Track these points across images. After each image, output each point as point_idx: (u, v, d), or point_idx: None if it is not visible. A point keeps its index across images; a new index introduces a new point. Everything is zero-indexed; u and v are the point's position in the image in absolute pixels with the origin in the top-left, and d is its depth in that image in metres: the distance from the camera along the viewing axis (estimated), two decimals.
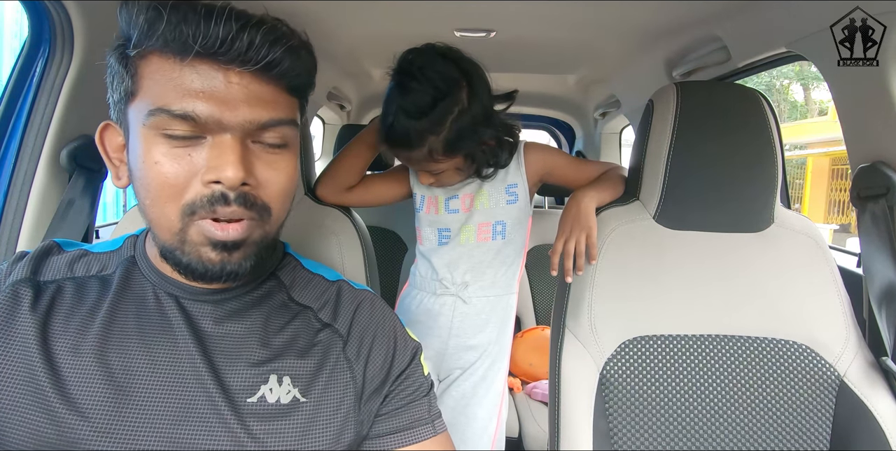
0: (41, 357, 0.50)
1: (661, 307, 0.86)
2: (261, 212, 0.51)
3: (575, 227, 0.88)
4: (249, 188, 0.50)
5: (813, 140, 9.66)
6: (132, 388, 0.51)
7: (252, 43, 0.47)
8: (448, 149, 0.89)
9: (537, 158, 1.01)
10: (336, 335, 0.59)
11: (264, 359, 0.55)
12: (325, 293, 0.63)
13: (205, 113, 0.47)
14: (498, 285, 1.04)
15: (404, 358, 0.61)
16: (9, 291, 0.53)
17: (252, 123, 0.49)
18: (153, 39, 0.47)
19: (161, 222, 0.50)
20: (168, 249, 0.51)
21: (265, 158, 0.51)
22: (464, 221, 1.01)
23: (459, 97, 0.87)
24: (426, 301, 1.06)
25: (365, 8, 1.21)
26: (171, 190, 0.48)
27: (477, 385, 1.06)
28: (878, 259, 0.86)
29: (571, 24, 1.32)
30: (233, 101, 0.48)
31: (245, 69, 0.48)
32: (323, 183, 0.98)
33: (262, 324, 0.57)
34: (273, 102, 0.50)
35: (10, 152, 0.89)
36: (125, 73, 0.50)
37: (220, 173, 0.48)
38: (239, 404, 0.52)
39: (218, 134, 0.48)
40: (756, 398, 0.84)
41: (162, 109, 0.47)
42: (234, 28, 0.46)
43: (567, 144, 2.76)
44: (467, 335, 1.04)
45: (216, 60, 0.47)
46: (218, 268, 0.51)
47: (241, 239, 0.50)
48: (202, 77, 0.47)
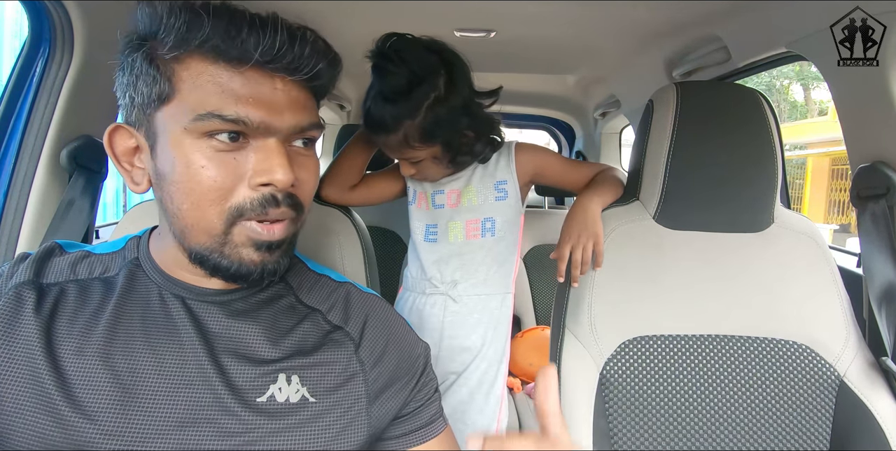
0: (45, 360, 0.50)
1: (661, 307, 0.86)
2: (298, 210, 0.53)
3: (583, 233, 0.87)
4: (294, 189, 0.52)
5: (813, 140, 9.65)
6: (138, 389, 0.51)
7: (302, 55, 0.49)
8: (424, 136, 0.88)
9: (528, 158, 1.01)
10: (348, 338, 0.59)
11: (273, 359, 0.55)
12: (333, 295, 0.63)
13: (256, 118, 0.49)
14: (490, 284, 1.02)
15: (419, 361, 0.62)
16: (12, 293, 0.53)
17: (295, 127, 0.51)
18: (194, 43, 0.48)
19: (200, 226, 0.50)
20: (203, 252, 0.51)
21: (298, 160, 0.53)
22: (450, 218, 1.00)
23: (437, 84, 0.86)
24: (417, 302, 1.05)
25: (365, 8, 1.21)
26: (216, 194, 0.49)
27: (474, 391, 1.03)
28: (878, 259, 0.86)
29: (571, 24, 1.32)
30: (278, 106, 0.50)
31: (294, 78, 0.50)
32: (326, 183, 0.98)
33: (270, 325, 0.57)
34: (310, 107, 0.54)
35: (10, 152, 0.89)
36: (158, 76, 0.49)
37: (271, 176, 0.49)
38: (249, 403, 0.52)
39: (261, 138, 0.50)
40: (756, 398, 0.84)
41: (213, 114, 0.48)
42: (287, 39, 0.48)
43: (567, 144, 2.76)
44: (459, 336, 1.02)
45: (266, 69, 0.49)
46: (259, 268, 0.52)
47: (282, 238, 0.52)
48: (252, 83, 0.49)
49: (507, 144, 1.02)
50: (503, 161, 1.01)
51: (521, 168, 1.00)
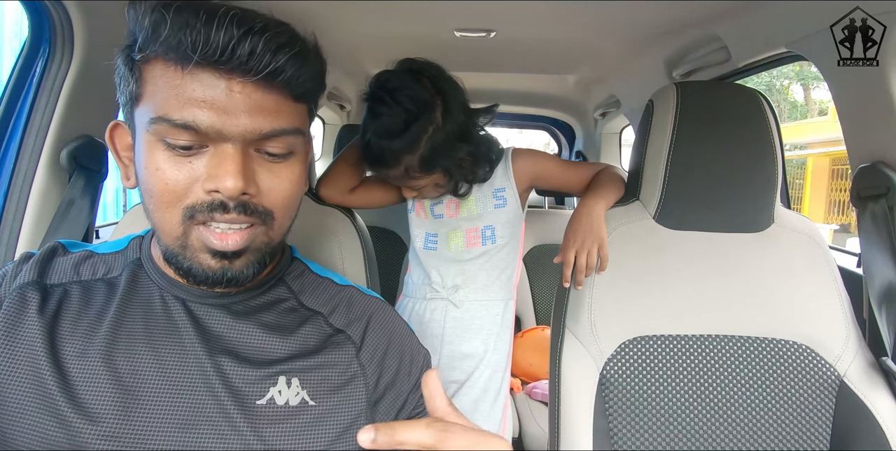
0: (48, 361, 0.50)
1: (661, 307, 0.86)
2: (263, 217, 0.51)
3: (587, 238, 0.87)
4: (249, 197, 0.49)
5: (813, 140, 9.65)
6: (140, 391, 0.51)
7: (254, 51, 0.45)
8: (424, 166, 0.89)
9: (526, 164, 1.01)
10: (349, 341, 0.59)
11: (273, 361, 0.55)
12: (335, 298, 0.62)
13: (205, 123, 0.46)
14: (492, 290, 1.02)
15: (418, 366, 0.61)
16: (16, 294, 0.53)
17: (253, 133, 0.48)
18: (156, 44, 0.46)
19: (163, 227, 0.50)
20: (171, 253, 0.51)
21: (268, 166, 0.51)
22: (452, 228, 1.01)
23: (433, 117, 0.87)
24: (417, 308, 1.04)
25: (365, 8, 1.21)
26: (171, 196, 0.49)
27: (478, 400, 1.00)
28: (878, 259, 0.86)
29: (571, 24, 1.32)
30: (234, 110, 0.47)
31: (246, 80, 0.46)
32: (325, 184, 0.98)
33: (272, 327, 0.57)
34: (276, 111, 0.49)
35: (10, 152, 0.89)
36: (130, 77, 0.49)
37: (219, 183, 0.47)
38: (248, 406, 0.52)
39: (219, 143, 0.48)
40: (756, 398, 0.84)
41: (163, 119, 0.47)
42: (235, 35, 0.44)
43: (567, 145, 2.75)
44: (460, 342, 1.01)
45: (217, 69, 0.46)
46: (219, 274, 0.51)
47: (241, 248, 0.50)
48: (203, 86, 0.46)
49: (504, 151, 1.02)
50: (500, 169, 1.00)
51: (518, 174, 1.00)
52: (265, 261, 0.54)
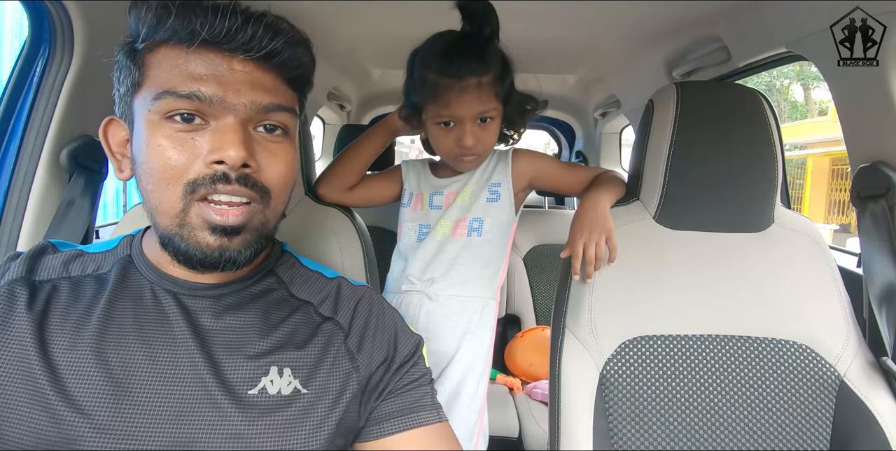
0: (38, 355, 0.50)
1: (661, 307, 0.86)
2: (261, 193, 0.53)
3: (595, 229, 0.86)
4: (250, 171, 0.51)
5: (813, 140, 9.65)
6: (131, 384, 0.51)
7: (255, 34, 0.50)
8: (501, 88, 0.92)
9: (525, 163, 1.01)
10: (338, 328, 0.60)
11: (264, 351, 0.55)
12: (325, 289, 0.63)
13: (209, 93, 0.49)
14: (471, 286, 0.99)
15: (407, 348, 0.62)
16: (4, 290, 0.54)
17: (254, 103, 0.51)
18: (160, 32, 0.50)
19: (163, 206, 0.51)
20: (167, 235, 0.52)
21: (266, 146, 0.53)
22: (444, 217, 1.00)
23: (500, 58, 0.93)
24: (394, 302, 1.01)
25: (365, 8, 1.21)
26: (172, 171, 0.50)
27: (450, 401, 0.96)
28: (878, 259, 0.86)
29: (571, 24, 1.32)
30: (236, 84, 0.51)
31: (248, 57, 0.51)
32: (324, 182, 0.98)
33: (262, 317, 0.57)
34: (274, 89, 0.53)
35: (10, 152, 0.89)
36: (132, 66, 0.52)
37: (222, 153, 0.49)
38: (240, 396, 0.52)
39: (221, 118, 0.51)
40: (756, 398, 0.84)
41: (168, 92, 0.49)
42: (238, 20, 0.50)
43: (567, 145, 2.75)
44: (432, 338, 0.96)
45: (221, 49, 0.50)
46: (217, 253, 0.51)
47: (240, 224, 0.52)
48: (207, 63, 0.50)
49: (506, 150, 1.03)
50: (500, 165, 1.01)
51: (517, 172, 1.00)
52: (261, 243, 0.55)
